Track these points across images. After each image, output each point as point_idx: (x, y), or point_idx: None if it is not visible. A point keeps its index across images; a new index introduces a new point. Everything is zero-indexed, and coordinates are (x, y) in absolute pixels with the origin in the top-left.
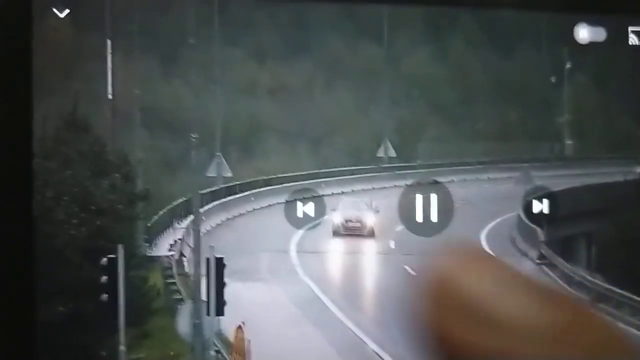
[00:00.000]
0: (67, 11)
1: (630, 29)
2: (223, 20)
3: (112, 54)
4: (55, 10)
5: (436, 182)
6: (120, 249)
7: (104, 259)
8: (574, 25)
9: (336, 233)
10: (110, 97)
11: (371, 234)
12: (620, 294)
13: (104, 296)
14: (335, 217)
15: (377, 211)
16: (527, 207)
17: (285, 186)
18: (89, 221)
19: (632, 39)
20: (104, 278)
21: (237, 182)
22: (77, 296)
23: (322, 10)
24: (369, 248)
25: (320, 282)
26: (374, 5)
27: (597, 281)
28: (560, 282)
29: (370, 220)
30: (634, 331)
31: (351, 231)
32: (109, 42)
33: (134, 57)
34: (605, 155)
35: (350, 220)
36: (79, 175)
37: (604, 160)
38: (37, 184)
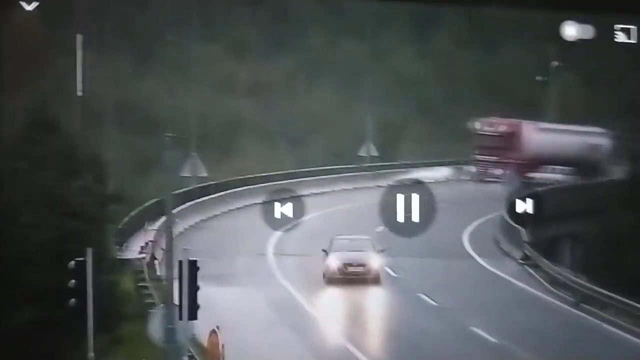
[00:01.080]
0: (35, 4)
1: (616, 26)
2: (200, 16)
3: (83, 49)
4: (22, 3)
5: (418, 182)
6: (89, 252)
7: (72, 262)
8: (562, 23)
9: (332, 280)
10: (80, 94)
11: (377, 280)
12: (605, 294)
13: (73, 301)
14: (331, 261)
15: (381, 250)
16: (511, 207)
17: (263, 186)
18: (58, 224)
19: (619, 36)
20: (73, 282)
21: (213, 182)
22: (44, 302)
23: (303, 6)
24: None
25: (298, 286)
26: (357, 2)
27: (581, 282)
28: (544, 282)
29: (375, 262)
30: (619, 332)
31: (352, 277)
32: (79, 37)
33: (106, 53)
34: None
35: (351, 264)
36: (48, 177)
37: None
38: (4, 186)
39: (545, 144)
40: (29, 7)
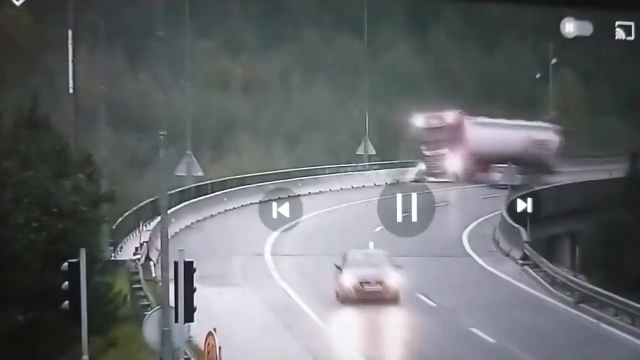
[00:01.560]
0: None
1: (617, 23)
2: (194, 12)
3: (74, 46)
4: None
5: (417, 181)
6: (83, 253)
7: (65, 264)
8: (561, 20)
9: (346, 300)
10: (72, 92)
11: (395, 299)
12: (604, 294)
13: (66, 303)
14: (346, 278)
15: (399, 266)
16: (511, 207)
17: (260, 185)
18: (50, 224)
19: (619, 33)
20: (66, 284)
21: (209, 182)
22: (37, 304)
23: (299, 2)
24: None
25: (296, 286)
26: None
27: (581, 281)
28: (544, 282)
29: (393, 280)
30: (618, 332)
31: (369, 296)
32: (70, 33)
33: (98, 49)
34: (591, 153)
35: (367, 282)
36: (40, 176)
37: (589, 157)
38: None
39: (487, 139)
40: (18, 2)
